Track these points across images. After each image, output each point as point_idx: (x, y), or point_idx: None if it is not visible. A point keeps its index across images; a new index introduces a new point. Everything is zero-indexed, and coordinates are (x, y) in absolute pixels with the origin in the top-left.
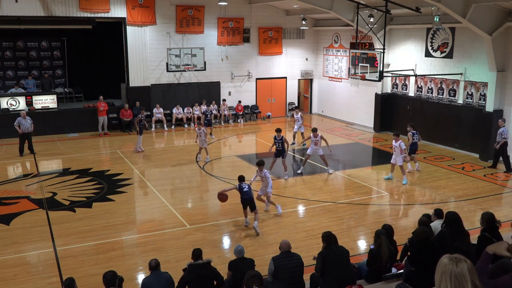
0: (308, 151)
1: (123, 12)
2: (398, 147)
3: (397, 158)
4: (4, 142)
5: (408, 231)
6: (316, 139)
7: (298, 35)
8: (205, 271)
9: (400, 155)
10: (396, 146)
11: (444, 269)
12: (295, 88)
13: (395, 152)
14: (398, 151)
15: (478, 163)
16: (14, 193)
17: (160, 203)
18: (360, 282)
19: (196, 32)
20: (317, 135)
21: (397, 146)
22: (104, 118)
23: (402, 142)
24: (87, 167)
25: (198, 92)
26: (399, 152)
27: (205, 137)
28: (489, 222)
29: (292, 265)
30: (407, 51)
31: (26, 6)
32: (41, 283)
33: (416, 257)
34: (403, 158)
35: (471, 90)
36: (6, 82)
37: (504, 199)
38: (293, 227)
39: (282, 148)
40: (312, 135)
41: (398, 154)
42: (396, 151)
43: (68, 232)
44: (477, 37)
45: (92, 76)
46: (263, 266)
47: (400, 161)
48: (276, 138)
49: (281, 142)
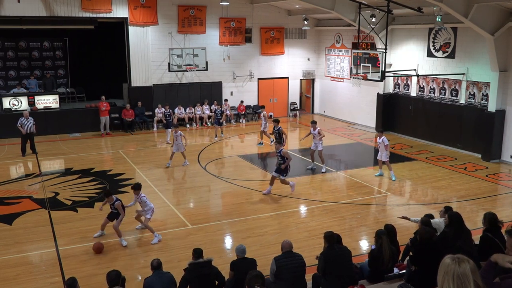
0: (312, 146)
1: (125, 12)
2: (382, 143)
3: (382, 154)
4: (6, 142)
5: (410, 231)
6: (315, 132)
7: (300, 35)
8: (206, 270)
9: (385, 151)
10: (380, 142)
11: (446, 269)
12: (297, 88)
13: (380, 148)
14: (382, 147)
15: (480, 163)
16: (16, 193)
17: (162, 203)
18: (362, 282)
19: (198, 32)
20: (315, 128)
21: (380, 142)
22: (106, 118)
23: (385, 138)
24: (89, 167)
25: (200, 92)
26: (383, 148)
27: (181, 140)
28: (491, 222)
29: (294, 265)
30: (409, 51)
31: (28, 6)
32: (43, 282)
33: (419, 257)
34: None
35: (473, 90)
36: (8, 82)
37: (507, 200)
38: (295, 227)
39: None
40: (311, 128)
41: (383, 150)
42: (381, 147)
43: (70, 232)
44: (479, 37)
45: (94, 76)
46: (265, 266)
47: (385, 157)
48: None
49: (278, 133)
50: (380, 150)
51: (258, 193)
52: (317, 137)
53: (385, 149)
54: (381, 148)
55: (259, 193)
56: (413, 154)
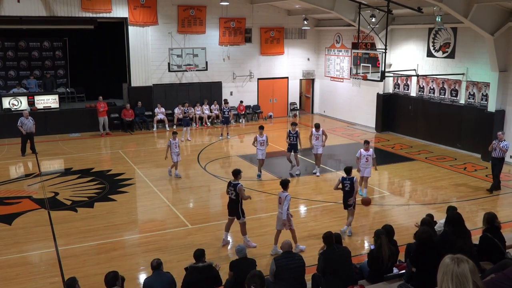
0: (317, 150)
1: (125, 12)
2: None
3: (366, 170)
4: (6, 142)
5: (410, 231)
6: (318, 133)
7: (299, 35)
8: (205, 274)
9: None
10: (369, 155)
11: (446, 269)
12: (296, 88)
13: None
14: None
15: (480, 163)
16: (16, 193)
17: (162, 203)
18: (362, 282)
19: (198, 32)
20: (318, 130)
21: (370, 155)
22: (105, 118)
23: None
24: (89, 167)
25: (199, 92)
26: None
27: (177, 148)
28: (490, 222)
29: (293, 265)
30: (409, 51)
31: (28, 6)
32: (43, 282)
33: (418, 258)
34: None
35: (473, 90)
36: (8, 82)
37: (506, 199)
38: (295, 227)
39: (296, 143)
40: (314, 130)
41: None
42: (369, 160)
43: (70, 232)
44: (479, 37)
45: (94, 76)
46: (265, 266)
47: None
48: (290, 132)
49: (296, 136)
50: (364, 165)
51: (258, 193)
52: (320, 138)
53: (372, 163)
54: (368, 162)
55: (259, 193)
56: (413, 154)
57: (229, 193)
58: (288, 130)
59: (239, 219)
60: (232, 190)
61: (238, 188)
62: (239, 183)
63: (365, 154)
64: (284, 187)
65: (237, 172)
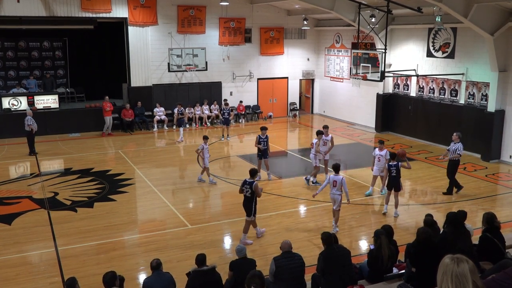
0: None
1: (124, 12)
2: (383, 156)
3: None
4: (6, 142)
5: (410, 231)
6: (326, 138)
7: (299, 35)
8: (209, 278)
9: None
10: (382, 155)
11: (445, 269)
12: (296, 88)
13: (380, 162)
14: (383, 161)
15: (479, 163)
16: (16, 193)
17: (162, 203)
18: (362, 282)
19: (198, 32)
20: (328, 134)
21: (383, 155)
22: (110, 118)
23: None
24: (89, 167)
25: (199, 92)
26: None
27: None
28: (489, 222)
29: (293, 266)
30: (409, 51)
31: (28, 6)
32: (43, 282)
33: (418, 258)
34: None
35: (472, 90)
36: (8, 82)
37: (506, 200)
38: (294, 227)
39: (266, 148)
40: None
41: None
42: (382, 160)
43: (70, 232)
44: (479, 37)
45: (94, 76)
46: (265, 266)
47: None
48: (260, 137)
49: (266, 141)
50: (376, 165)
51: None
52: (327, 144)
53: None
54: (381, 161)
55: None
56: (413, 154)
57: (244, 191)
58: (258, 136)
59: (249, 217)
60: (248, 188)
61: (255, 186)
62: (254, 181)
63: (378, 154)
64: (336, 170)
65: (255, 172)
